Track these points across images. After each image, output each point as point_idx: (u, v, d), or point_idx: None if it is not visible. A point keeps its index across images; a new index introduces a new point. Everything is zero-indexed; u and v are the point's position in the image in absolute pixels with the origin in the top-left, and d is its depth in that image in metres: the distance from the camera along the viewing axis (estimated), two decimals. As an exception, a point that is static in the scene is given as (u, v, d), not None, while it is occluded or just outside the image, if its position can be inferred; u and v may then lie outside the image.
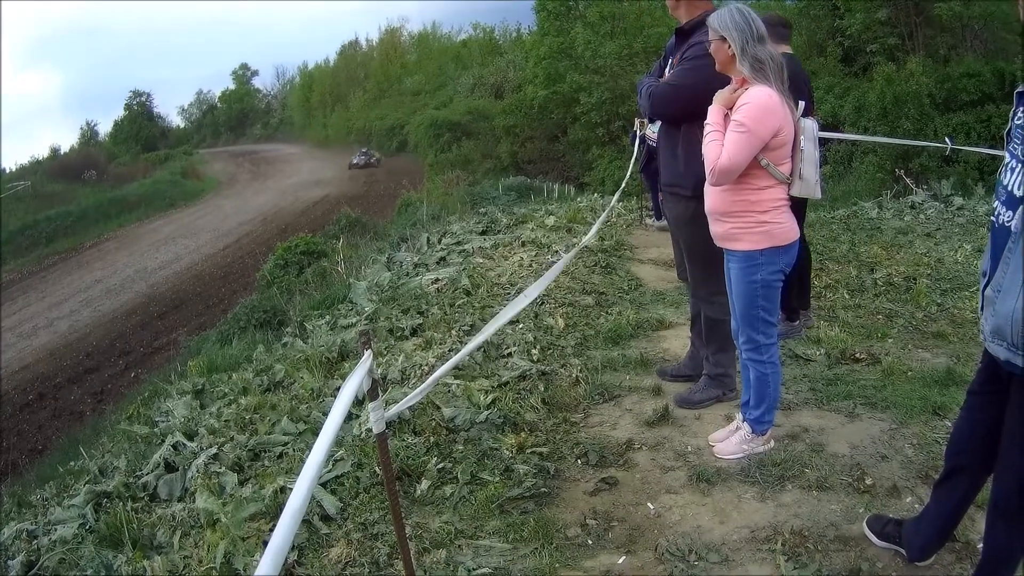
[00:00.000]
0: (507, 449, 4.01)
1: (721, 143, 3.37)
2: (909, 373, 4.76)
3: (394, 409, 2.97)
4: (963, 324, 5.69)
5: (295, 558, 3.33)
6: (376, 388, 2.65)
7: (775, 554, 3.05)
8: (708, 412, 4.37)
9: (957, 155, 15.74)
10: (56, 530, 4.25)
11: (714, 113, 3.47)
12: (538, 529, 3.34)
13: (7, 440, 13.42)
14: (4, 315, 22.95)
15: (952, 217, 9.87)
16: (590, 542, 3.29)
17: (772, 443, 3.84)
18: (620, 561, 3.15)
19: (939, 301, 6.22)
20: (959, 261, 7.37)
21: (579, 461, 3.96)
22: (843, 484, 3.52)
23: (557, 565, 3.14)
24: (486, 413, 4.34)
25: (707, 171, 3.46)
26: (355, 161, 49.42)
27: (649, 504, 3.53)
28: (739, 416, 3.90)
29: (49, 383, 16.79)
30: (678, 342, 5.55)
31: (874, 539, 3.05)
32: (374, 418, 2.66)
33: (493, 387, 4.74)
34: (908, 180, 14.00)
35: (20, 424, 14.56)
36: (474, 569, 3.13)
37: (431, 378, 3.08)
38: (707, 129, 3.47)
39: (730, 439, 3.86)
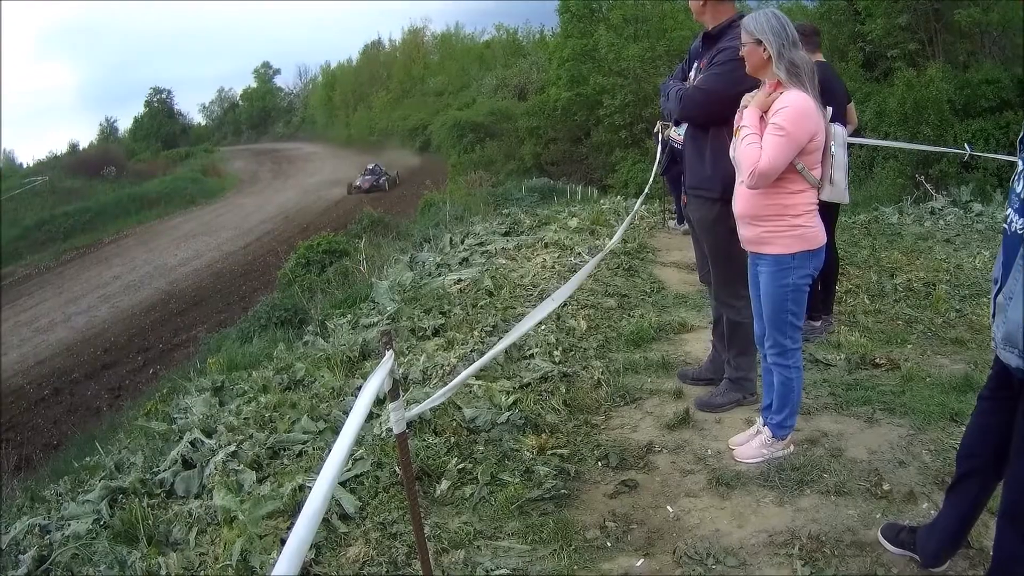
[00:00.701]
0: (527, 450, 4.02)
1: (759, 146, 3.36)
2: (928, 379, 4.74)
3: (415, 410, 2.99)
4: (981, 330, 5.64)
5: (312, 556, 3.35)
6: (397, 388, 2.66)
7: (792, 558, 3.05)
8: (728, 416, 4.36)
9: (976, 161, 15.66)
10: (69, 525, 4.24)
11: (751, 116, 3.44)
12: (557, 531, 3.35)
13: (22, 434, 13.52)
14: (19, 309, 23.15)
15: (971, 223, 9.83)
16: (609, 544, 3.30)
17: (792, 447, 3.83)
18: (638, 564, 3.16)
19: (958, 307, 6.20)
20: (978, 267, 7.34)
21: (599, 463, 3.97)
22: (861, 489, 3.50)
23: (576, 567, 3.15)
24: (507, 414, 4.34)
25: (744, 174, 3.44)
26: (358, 184, 40.67)
27: (668, 507, 3.53)
28: (760, 420, 3.90)
29: (65, 378, 16.93)
30: (699, 345, 5.54)
31: (889, 546, 3.04)
32: (395, 418, 2.68)
33: (515, 388, 4.74)
34: (928, 186, 14.00)
35: (35, 419, 14.66)
36: (492, 570, 3.14)
37: (454, 381, 3.08)
38: (743, 132, 3.45)
39: (750, 443, 3.86)
